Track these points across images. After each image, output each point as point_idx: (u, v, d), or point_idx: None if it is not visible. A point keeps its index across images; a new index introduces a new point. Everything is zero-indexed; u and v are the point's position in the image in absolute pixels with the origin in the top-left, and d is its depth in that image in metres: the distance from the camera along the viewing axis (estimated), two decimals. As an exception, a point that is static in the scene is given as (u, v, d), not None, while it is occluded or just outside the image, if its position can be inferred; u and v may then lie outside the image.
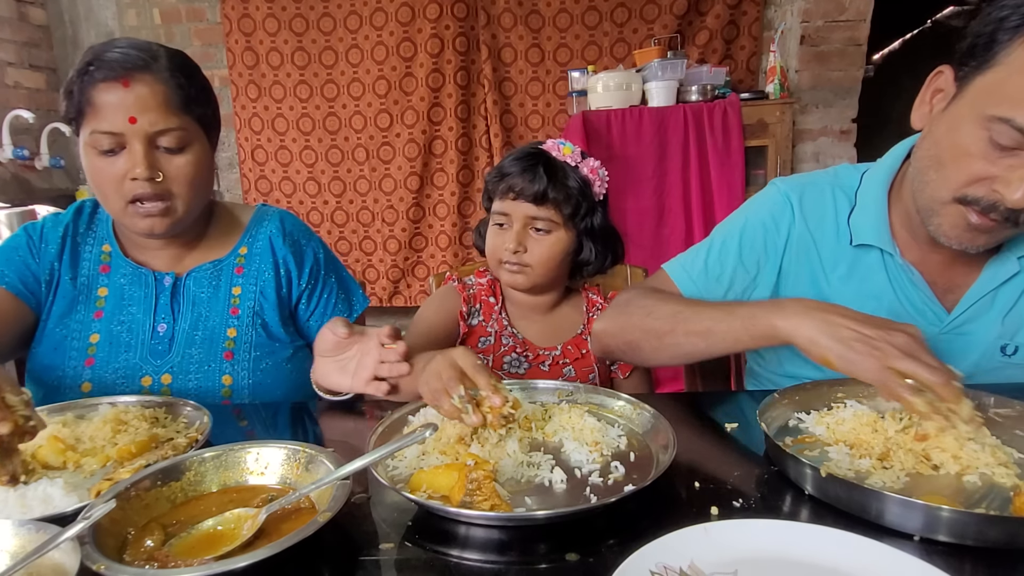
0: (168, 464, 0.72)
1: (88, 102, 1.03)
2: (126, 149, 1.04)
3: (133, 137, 1.04)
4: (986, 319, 1.02)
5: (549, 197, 1.21)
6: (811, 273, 1.10)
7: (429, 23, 3.43)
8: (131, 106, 1.02)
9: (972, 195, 0.87)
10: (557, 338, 1.33)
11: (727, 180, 2.99)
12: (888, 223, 1.05)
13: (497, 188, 1.27)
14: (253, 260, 1.22)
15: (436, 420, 0.82)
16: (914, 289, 1.04)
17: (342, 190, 3.72)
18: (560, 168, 1.23)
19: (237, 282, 1.20)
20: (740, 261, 1.12)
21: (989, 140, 0.83)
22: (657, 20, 3.37)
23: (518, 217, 1.24)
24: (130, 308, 1.16)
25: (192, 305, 1.17)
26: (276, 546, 0.56)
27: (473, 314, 1.33)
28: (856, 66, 3.35)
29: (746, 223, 1.14)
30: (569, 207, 1.23)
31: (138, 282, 1.17)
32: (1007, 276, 1.00)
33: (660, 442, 0.80)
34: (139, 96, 1.03)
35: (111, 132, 1.03)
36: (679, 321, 1.00)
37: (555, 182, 1.21)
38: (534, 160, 1.23)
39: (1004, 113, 0.81)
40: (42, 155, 3.25)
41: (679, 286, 1.15)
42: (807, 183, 1.13)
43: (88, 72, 1.02)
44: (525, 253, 1.24)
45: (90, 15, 3.66)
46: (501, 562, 0.63)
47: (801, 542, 0.60)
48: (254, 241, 1.24)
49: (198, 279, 1.19)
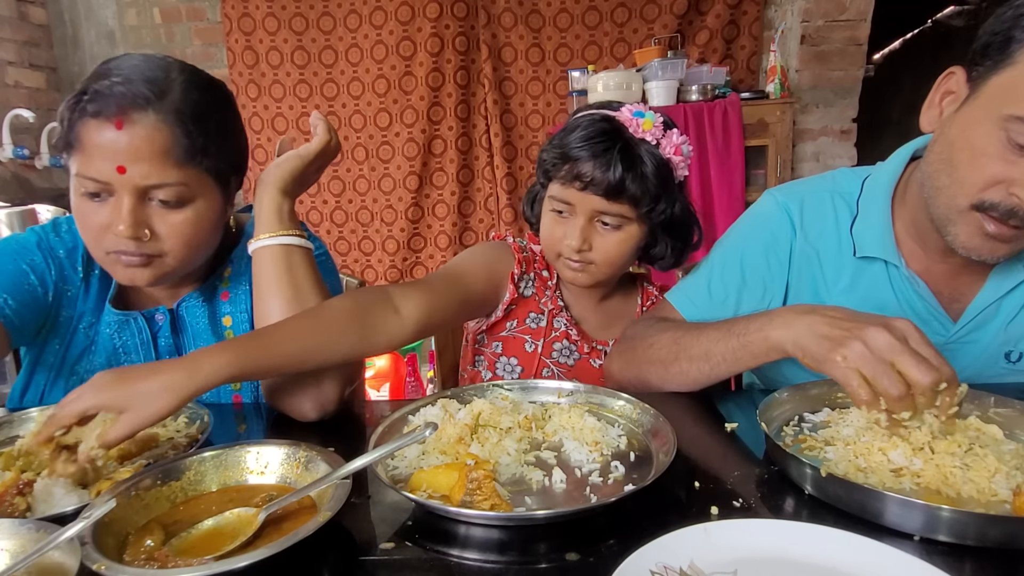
0: (168, 464, 0.72)
1: (77, 138, 0.88)
2: (113, 197, 0.90)
3: (121, 188, 0.89)
4: (991, 327, 1.01)
5: (625, 191, 1.04)
6: (814, 286, 1.07)
7: (429, 22, 3.43)
8: (121, 152, 0.87)
9: (989, 200, 0.84)
10: (610, 328, 1.22)
11: (727, 180, 2.99)
12: (892, 232, 1.02)
13: (559, 170, 1.07)
14: (239, 280, 1.10)
15: (436, 420, 0.82)
16: (919, 300, 1.01)
17: (341, 189, 3.72)
18: (639, 154, 1.04)
19: (225, 311, 1.09)
20: (744, 281, 1.09)
21: (1006, 141, 0.81)
22: (657, 20, 3.37)
23: (584, 210, 1.07)
24: (130, 358, 1.06)
25: (192, 340, 1.08)
26: (276, 546, 0.56)
27: (526, 282, 1.18)
28: (856, 66, 3.35)
29: (746, 241, 1.11)
30: (646, 202, 1.06)
31: (127, 330, 1.06)
32: (1013, 284, 0.98)
33: (660, 442, 0.80)
34: (132, 142, 0.87)
35: (96, 179, 0.88)
36: (680, 348, 0.97)
37: (633, 172, 1.03)
38: (609, 143, 1.04)
39: (1022, 112, 0.79)
40: (42, 154, 3.25)
41: (684, 314, 1.10)
42: (805, 192, 1.10)
43: (81, 103, 0.87)
44: (590, 251, 1.09)
45: (90, 15, 3.65)
46: (501, 562, 0.63)
47: (801, 542, 0.60)
48: (240, 257, 1.11)
49: (191, 309, 1.08)
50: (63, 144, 0.91)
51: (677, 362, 0.97)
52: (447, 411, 0.86)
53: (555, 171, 1.09)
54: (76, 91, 0.89)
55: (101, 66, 0.93)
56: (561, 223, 1.11)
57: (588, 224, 1.08)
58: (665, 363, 0.99)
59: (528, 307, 1.21)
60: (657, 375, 1.01)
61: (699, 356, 0.95)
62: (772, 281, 1.09)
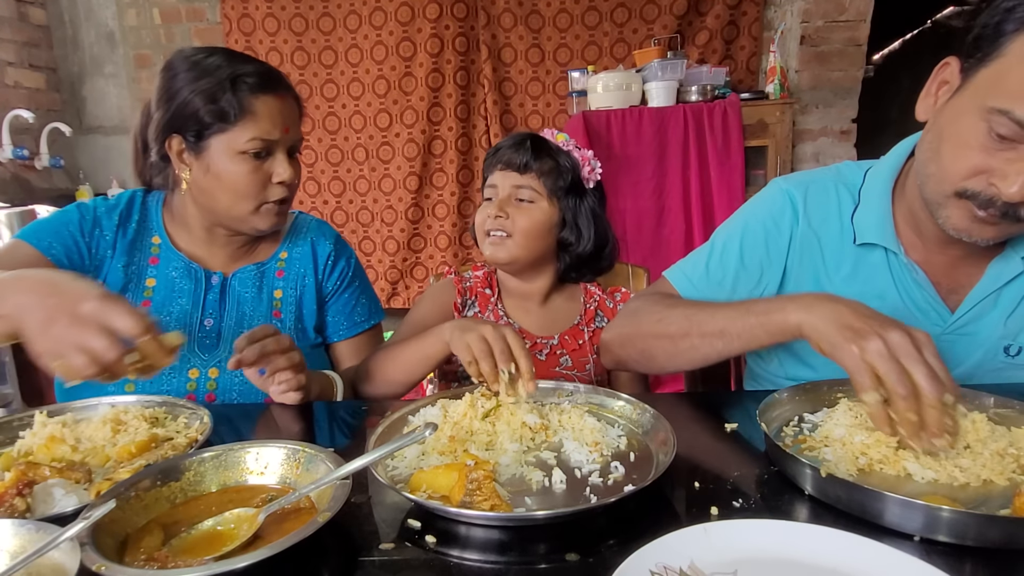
0: (168, 464, 0.72)
1: (246, 109, 1.10)
2: (272, 156, 1.14)
3: (281, 144, 1.14)
4: (989, 319, 1.02)
5: (532, 167, 1.27)
6: (815, 273, 1.09)
7: (429, 23, 3.43)
8: (287, 117, 1.14)
9: (971, 189, 0.87)
10: (555, 328, 1.34)
11: (727, 180, 2.99)
12: (892, 221, 1.04)
13: (489, 165, 1.32)
14: (293, 264, 1.28)
15: (436, 420, 0.82)
16: (918, 288, 1.03)
17: (341, 190, 3.72)
18: (547, 145, 1.29)
19: (278, 285, 1.26)
20: (742, 264, 1.11)
21: (988, 132, 0.83)
22: (657, 20, 3.37)
23: (504, 187, 1.28)
24: (179, 300, 1.20)
25: (237, 304, 1.22)
26: (276, 546, 0.56)
27: (468, 305, 1.35)
28: (856, 66, 3.35)
29: (746, 225, 1.13)
30: (551, 179, 1.27)
31: (188, 276, 1.21)
32: (1011, 276, 0.99)
33: (660, 442, 0.80)
34: (290, 108, 1.16)
35: (268, 139, 1.12)
36: (693, 324, 0.98)
37: (539, 153, 1.27)
38: (524, 136, 1.31)
39: (1004, 105, 0.80)
40: (42, 155, 3.26)
41: (681, 292, 1.13)
42: (810, 181, 1.12)
43: (242, 82, 1.09)
44: (507, 220, 1.26)
45: (90, 15, 3.65)
46: (501, 562, 0.63)
47: (801, 542, 0.60)
48: (294, 246, 1.29)
49: (243, 279, 1.24)
50: (214, 117, 1.09)
51: (688, 337, 0.98)
52: (446, 411, 0.87)
53: (488, 168, 1.33)
54: (222, 73, 1.09)
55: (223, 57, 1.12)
56: (488, 206, 1.30)
57: (507, 199, 1.28)
58: (674, 338, 1.00)
59: None
60: (664, 350, 1.02)
61: (713, 333, 0.96)
62: (769, 266, 1.11)
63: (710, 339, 0.96)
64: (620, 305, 1.35)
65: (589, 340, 1.32)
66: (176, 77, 1.11)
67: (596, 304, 1.36)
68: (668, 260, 3.14)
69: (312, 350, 1.26)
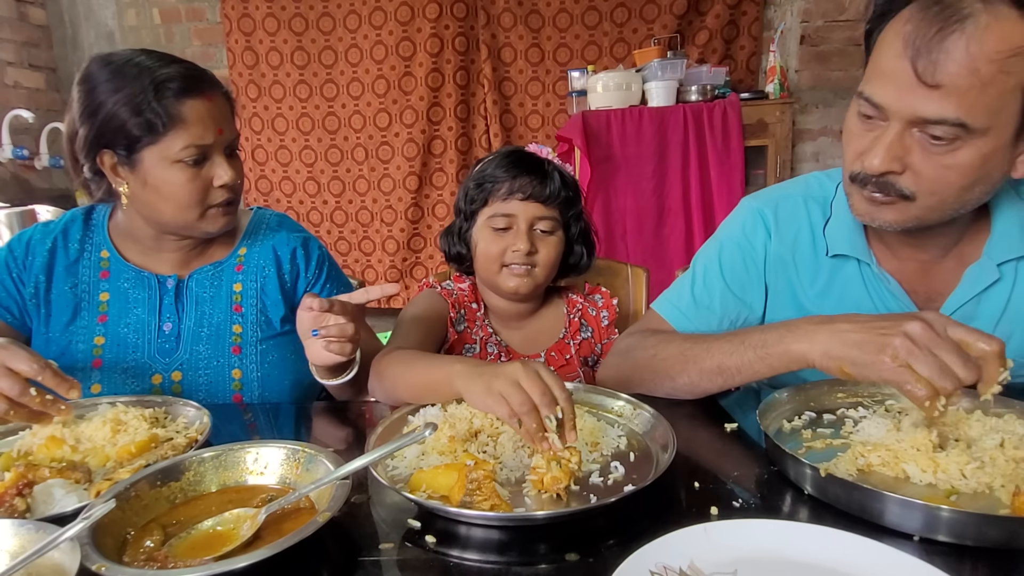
0: (168, 464, 0.72)
1: (174, 117, 1.05)
2: (210, 159, 1.10)
3: (217, 147, 1.11)
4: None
5: (559, 197, 1.21)
6: (790, 289, 1.08)
7: (428, 23, 3.43)
8: (218, 118, 1.10)
9: (854, 171, 0.91)
10: (540, 344, 1.31)
11: (727, 180, 2.98)
12: (863, 233, 1.03)
13: (497, 191, 1.22)
14: (253, 258, 1.24)
15: (436, 420, 0.82)
16: (892, 298, 1.02)
17: (341, 190, 3.72)
18: (557, 169, 1.24)
19: (237, 279, 1.22)
20: (726, 286, 1.10)
21: (858, 116, 0.90)
22: (657, 20, 3.37)
23: (525, 218, 1.20)
24: (135, 310, 1.17)
25: (196, 304, 1.19)
26: (276, 546, 0.56)
27: (459, 320, 1.29)
28: (856, 66, 3.35)
29: (722, 247, 1.12)
30: (566, 207, 1.24)
31: (141, 285, 1.18)
32: (988, 283, 0.98)
33: (660, 442, 0.80)
34: (220, 107, 1.11)
35: (202, 144, 1.07)
36: (688, 361, 0.97)
37: (560, 182, 1.22)
38: (535, 161, 1.23)
39: (863, 88, 0.88)
40: (42, 155, 3.25)
41: (672, 324, 1.11)
42: (780, 197, 1.11)
43: (166, 88, 1.05)
44: (536, 254, 1.21)
45: (90, 15, 3.66)
46: (501, 562, 0.63)
47: (801, 542, 0.60)
48: (253, 243, 1.25)
49: (200, 280, 1.20)
50: (142, 130, 1.05)
51: (686, 374, 0.97)
52: (446, 411, 0.87)
53: (493, 194, 1.22)
54: (144, 83, 1.04)
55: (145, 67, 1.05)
56: (501, 237, 1.21)
57: (529, 231, 1.21)
58: (672, 375, 0.99)
59: (463, 340, 1.29)
60: (663, 387, 1.01)
61: (711, 370, 0.94)
62: (751, 285, 1.10)
63: (709, 375, 0.95)
64: (603, 312, 1.32)
65: (576, 354, 1.30)
66: (96, 89, 1.05)
67: (580, 314, 1.33)
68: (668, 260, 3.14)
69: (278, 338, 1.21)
